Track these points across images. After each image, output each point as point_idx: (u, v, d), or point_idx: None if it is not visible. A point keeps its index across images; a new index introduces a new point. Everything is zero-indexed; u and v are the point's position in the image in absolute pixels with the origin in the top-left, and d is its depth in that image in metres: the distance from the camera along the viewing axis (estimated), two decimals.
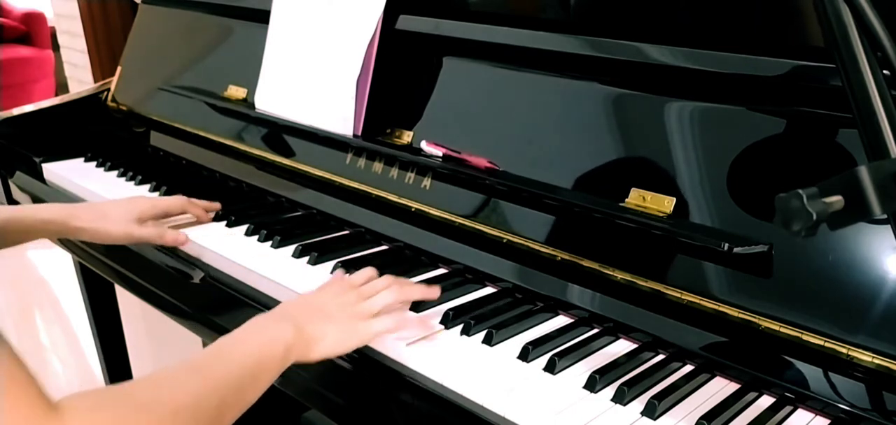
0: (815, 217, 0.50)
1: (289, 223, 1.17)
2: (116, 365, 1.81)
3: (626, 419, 0.70)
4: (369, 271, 0.87)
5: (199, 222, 1.15)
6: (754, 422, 0.70)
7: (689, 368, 0.78)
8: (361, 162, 1.13)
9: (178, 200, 1.14)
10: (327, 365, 0.82)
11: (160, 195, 1.29)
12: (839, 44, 0.55)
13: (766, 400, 0.73)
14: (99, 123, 1.62)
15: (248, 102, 1.33)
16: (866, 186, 0.50)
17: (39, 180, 1.45)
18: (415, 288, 0.86)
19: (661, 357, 0.80)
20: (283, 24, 1.25)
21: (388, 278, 0.86)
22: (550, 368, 0.76)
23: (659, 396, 0.71)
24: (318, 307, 0.80)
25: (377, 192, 1.09)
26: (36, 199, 1.45)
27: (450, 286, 0.93)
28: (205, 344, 1.93)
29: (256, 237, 1.08)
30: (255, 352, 0.72)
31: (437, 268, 0.99)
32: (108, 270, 1.28)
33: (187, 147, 1.42)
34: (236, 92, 1.36)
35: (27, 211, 1.09)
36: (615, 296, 0.84)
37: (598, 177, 0.89)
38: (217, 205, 1.17)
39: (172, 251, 1.10)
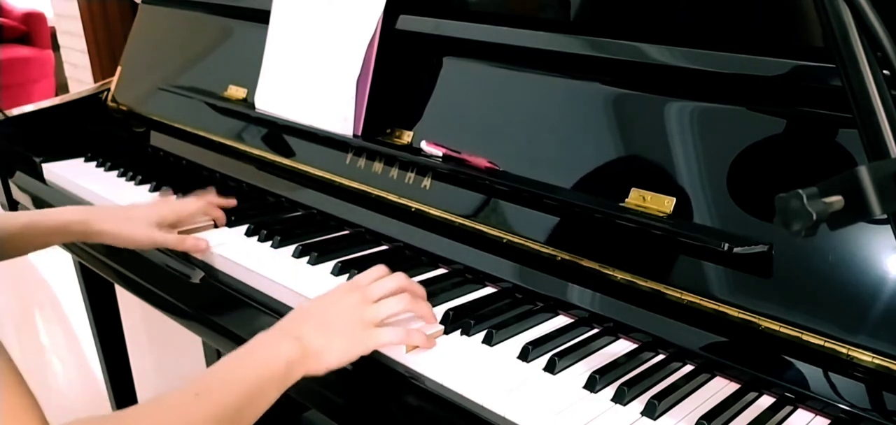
0: (815, 217, 0.50)
1: (289, 223, 1.17)
2: (116, 366, 1.81)
3: (626, 419, 0.70)
4: (378, 270, 0.85)
5: (215, 225, 1.14)
6: (754, 422, 0.70)
7: (689, 368, 0.78)
8: (361, 162, 1.13)
9: (197, 204, 1.12)
10: None
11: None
12: (839, 44, 0.55)
13: (766, 400, 0.73)
14: (99, 123, 1.62)
15: (248, 102, 1.33)
16: (866, 186, 0.50)
17: (39, 180, 1.45)
18: (424, 305, 0.84)
19: (661, 357, 0.80)
20: (283, 24, 1.25)
21: (398, 277, 0.84)
22: (550, 368, 0.76)
23: (659, 396, 0.71)
24: (321, 317, 0.78)
25: (377, 192, 1.09)
26: (36, 199, 1.45)
27: (450, 286, 0.94)
28: (205, 345, 1.94)
29: (256, 237, 1.08)
30: (255, 372, 0.72)
31: (437, 268, 0.99)
32: (108, 270, 1.28)
33: (187, 147, 1.42)
34: (236, 92, 1.36)
35: (45, 215, 1.07)
36: (615, 296, 0.84)
37: (598, 177, 0.89)
38: (233, 201, 1.16)
39: (173, 251, 1.10)
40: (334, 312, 0.79)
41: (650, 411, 0.70)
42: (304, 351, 0.75)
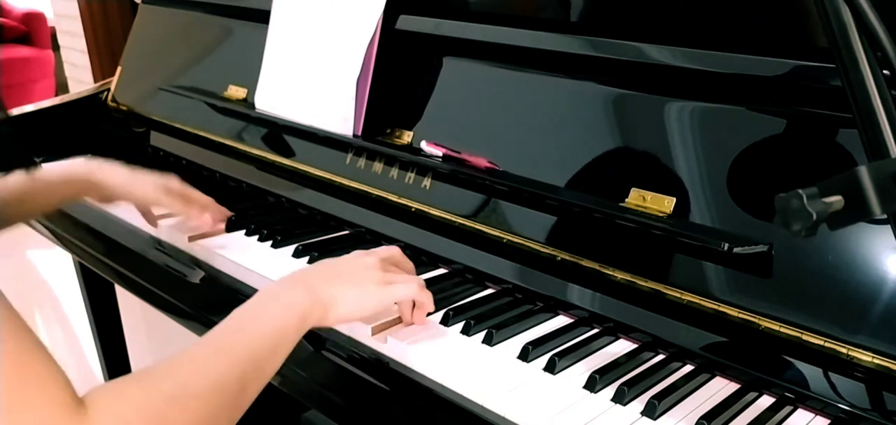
0: (815, 217, 0.50)
1: (289, 223, 1.17)
2: (116, 366, 1.81)
3: (626, 419, 0.70)
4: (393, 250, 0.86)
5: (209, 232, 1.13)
6: (754, 422, 0.70)
7: (689, 368, 0.78)
8: (361, 162, 1.13)
9: (205, 197, 1.12)
10: (328, 366, 0.82)
11: None
12: (839, 44, 0.55)
13: (766, 400, 0.73)
14: (99, 123, 1.62)
15: (248, 102, 1.33)
16: (866, 186, 0.50)
17: None
18: (429, 295, 0.84)
19: (661, 357, 0.80)
20: (283, 24, 1.25)
21: (409, 264, 0.85)
22: (550, 368, 0.76)
23: (659, 396, 0.71)
24: (334, 270, 0.78)
25: (377, 192, 1.09)
26: None
27: (450, 286, 0.94)
28: None
29: (256, 237, 1.08)
30: (272, 324, 0.70)
31: (437, 267, 0.99)
32: (108, 270, 1.28)
33: (187, 147, 1.42)
34: (236, 92, 1.36)
35: (47, 170, 1.05)
36: (615, 296, 0.84)
37: (598, 177, 0.89)
38: (229, 213, 1.14)
39: (172, 250, 1.10)
40: (347, 267, 0.79)
41: (650, 411, 0.70)
42: (316, 301, 0.74)
